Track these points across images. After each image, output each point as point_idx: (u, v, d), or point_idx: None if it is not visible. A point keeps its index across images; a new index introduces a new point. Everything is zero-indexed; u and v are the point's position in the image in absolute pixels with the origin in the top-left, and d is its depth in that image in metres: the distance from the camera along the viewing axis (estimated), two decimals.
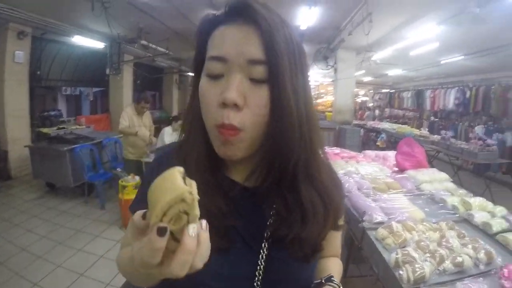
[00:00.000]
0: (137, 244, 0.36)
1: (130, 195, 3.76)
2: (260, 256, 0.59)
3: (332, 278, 0.66)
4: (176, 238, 0.36)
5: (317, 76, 12.77)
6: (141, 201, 0.41)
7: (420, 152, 2.66)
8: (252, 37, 0.50)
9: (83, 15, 5.24)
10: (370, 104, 16.83)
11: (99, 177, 4.76)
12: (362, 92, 17.88)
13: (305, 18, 5.10)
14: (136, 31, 6.33)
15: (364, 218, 1.77)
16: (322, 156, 0.64)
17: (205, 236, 0.38)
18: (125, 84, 8.92)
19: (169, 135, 5.04)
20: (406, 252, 1.36)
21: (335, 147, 3.66)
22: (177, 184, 0.36)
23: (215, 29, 0.54)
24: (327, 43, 7.03)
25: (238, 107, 0.50)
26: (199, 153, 0.58)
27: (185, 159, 0.57)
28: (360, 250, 1.77)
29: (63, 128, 6.47)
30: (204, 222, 0.39)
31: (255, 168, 0.58)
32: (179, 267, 0.36)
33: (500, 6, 3.61)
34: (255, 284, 0.59)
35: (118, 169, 4.47)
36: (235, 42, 0.50)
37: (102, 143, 5.33)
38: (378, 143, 8.10)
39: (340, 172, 2.57)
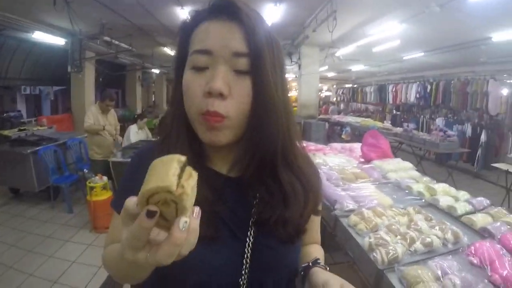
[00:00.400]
0: (127, 230, 0.37)
1: (99, 196, 3.68)
2: (247, 244, 0.61)
3: (318, 261, 0.70)
4: (165, 218, 0.36)
5: None
6: (123, 196, 0.39)
7: (384, 143, 2.80)
8: (236, 31, 0.53)
9: (44, 10, 4.97)
10: (334, 99, 17.34)
11: (65, 179, 4.55)
12: (325, 87, 18.34)
13: (271, 15, 5.15)
14: (98, 27, 6.06)
15: (335, 207, 1.86)
16: (299, 146, 0.67)
17: (195, 223, 0.38)
18: (87, 82, 8.47)
19: (135, 133, 4.96)
20: (378, 236, 1.44)
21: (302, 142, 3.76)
22: (168, 175, 0.35)
23: (198, 26, 0.56)
24: (291, 40, 7.15)
25: (223, 96, 0.52)
26: (182, 145, 0.59)
27: (168, 151, 0.55)
28: (334, 238, 1.84)
29: (24, 129, 6.10)
30: (197, 208, 0.40)
31: (238, 159, 0.61)
32: (165, 257, 0.36)
33: (459, 6, 3.84)
34: (243, 272, 0.60)
35: (85, 170, 4.32)
36: (220, 36, 0.53)
37: (66, 144, 5.10)
38: (343, 136, 8.36)
39: None
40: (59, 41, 6.34)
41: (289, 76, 11.08)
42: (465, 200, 1.94)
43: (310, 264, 0.69)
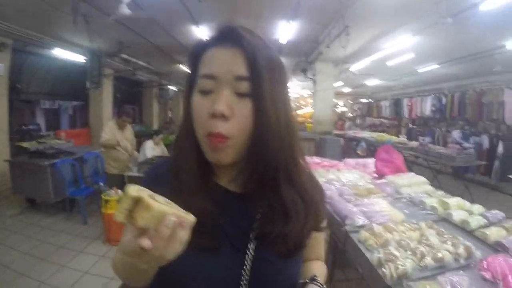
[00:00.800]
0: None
1: (113, 209, 3.70)
2: (246, 256, 0.63)
3: (315, 278, 0.72)
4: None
5: (296, 88, 12.97)
6: None
7: (398, 158, 2.76)
8: (238, 57, 0.57)
9: (65, 28, 5.20)
10: (350, 114, 17.19)
11: (81, 192, 4.66)
12: (341, 102, 18.26)
13: (284, 32, 5.26)
14: (117, 45, 6.32)
15: (346, 222, 1.83)
16: (303, 163, 0.69)
17: (181, 233, 0.45)
18: (105, 98, 8.84)
19: (151, 148, 5.04)
20: (387, 251, 1.41)
21: (315, 157, 3.74)
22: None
23: (206, 51, 0.61)
24: (306, 56, 7.19)
25: (226, 117, 0.56)
26: (192, 161, 0.64)
27: (179, 167, 0.65)
28: (345, 254, 1.81)
29: (43, 142, 6.31)
30: (187, 220, 0.46)
31: (240, 175, 0.64)
32: (154, 250, 0.43)
33: (471, 16, 3.81)
34: (242, 283, 0.62)
35: (101, 184, 4.40)
36: (223, 62, 0.58)
37: (83, 157, 5.23)
38: (358, 152, 8.24)
39: (321, 180, 2.63)
40: (78, 58, 6.60)
41: (305, 92, 11.11)
42: (480, 213, 1.88)
43: (307, 280, 0.71)
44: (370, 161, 3.23)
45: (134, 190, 0.44)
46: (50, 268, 3.15)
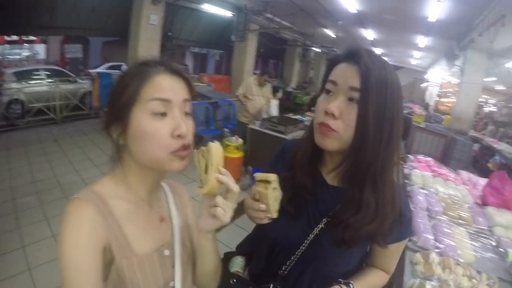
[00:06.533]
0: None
1: (231, 153, 4.32)
2: (311, 233, 0.84)
3: (350, 284, 0.85)
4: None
5: (443, 73, 11.04)
6: (266, 171, 0.77)
7: (510, 191, 2.37)
8: (354, 72, 0.72)
9: None
10: (497, 118, 13.63)
11: (209, 132, 5.48)
12: (492, 101, 14.64)
13: (433, 11, 4.77)
14: (262, 4, 6.68)
15: (412, 238, 1.78)
16: (394, 178, 0.80)
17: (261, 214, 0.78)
18: (248, 52, 9.47)
19: (275, 106, 5.46)
20: (423, 285, 1.40)
21: (430, 158, 3.43)
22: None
23: (338, 64, 0.78)
24: (457, 40, 6.14)
25: (335, 116, 0.73)
26: (306, 148, 0.86)
27: (299, 148, 0.90)
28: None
29: None
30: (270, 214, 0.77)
31: (337, 168, 0.80)
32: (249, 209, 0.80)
33: None
34: (301, 247, 0.85)
35: (226, 129, 5.07)
36: (344, 74, 0.74)
37: (217, 103, 6.06)
38: (489, 165, 6.67)
39: (417, 185, 2.52)
40: (226, 13, 7.23)
41: (452, 80, 9.45)
42: None
43: (342, 282, 0.85)
44: (482, 182, 2.81)
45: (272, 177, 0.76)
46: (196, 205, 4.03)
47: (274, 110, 5.36)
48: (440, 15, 4.89)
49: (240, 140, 4.49)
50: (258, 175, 0.77)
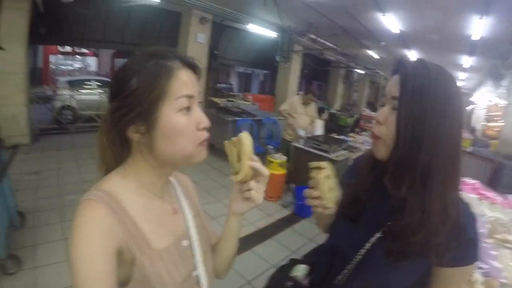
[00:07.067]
0: None
1: (274, 170, 4.29)
2: (367, 242, 0.82)
3: None
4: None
5: (489, 95, 10.46)
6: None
7: None
8: (396, 82, 0.75)
9: (257, 7, 6.01)
10: None
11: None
12: None
13: (475, 28, 4.65)
14: (305, 25, 6.82)
15: None
16: (450, 191, 0.76)
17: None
18: (292, 72, 9.65)
19: (321, 127, 5.44)
20: None
21: (476, 181, 3.21)
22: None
23: (393, 75, 0.80)
24: (501, 59, 5.87)
25: (380, 123, 0.78)
26: (368, 157, 0.88)
27: (361, 160, 0.96)
28: None
29: (232, 101, 7.67)
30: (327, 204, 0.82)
31: (386, 171, 0.79)
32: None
33: None
34: (356, 256, 0.83)
35: (270, 146, 5.06)
36: (389, 85, 0.79)
37: (262, 121, 6.16)
38: None
39: None
40: (270, 34, 7.45)
41: (497, 102, 8.89)
42: None
43: None
44: None
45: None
46: (209, 198, 4.12)
47: (319, 130, 5.35)
48: (483, 33, 4.77)
49: (284, 158, 4.50)
50: (312, 163, 0.84)
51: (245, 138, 0.72)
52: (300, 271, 0.99)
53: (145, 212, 0.68)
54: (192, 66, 0.69)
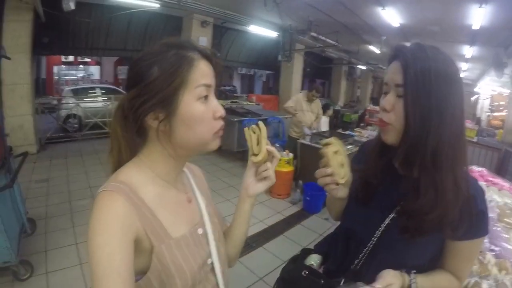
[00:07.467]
0: None
1: (281, 167, 4.31)
2: (383, 224, 0.84)
3: (412, 274, 0.80)
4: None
5: (493, 85, 10.38)
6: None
7: None
8: (399, 69, 0.76)
9: (257, 8, 6.02)
10: None
11: None
12: None
13: (475, 17, 4.64)
14: (306, 23, 6.81)
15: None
16: (459, 166, 0.78)
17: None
18: (295, 71, 9.66)
19: (325, 123, 5.46)
20: (478, 284, 1.30)
21: (482, 168, 3.19)
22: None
23: (390, 64, 0.81)
24: (504, 47, 5.84)
25: (387, 111, 0.78)
26: (376, 142, 0.91)
27: (368, 145, 0.99)
28: None
29: (236, 102, 7.69)
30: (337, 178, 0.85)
31: (397, 156, 0.81)
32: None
33: None
34: (372, 238, 0.85)
35: (277, 145, 5.00)
36: (390, 73, 0.79)
37: (267, 120, 6.17)
38: None
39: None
40: (271, 34, 7.47)
41: (501, 91, 8.83)
42: None
43: (404, 271, 0.80)
44: None
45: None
46: (217, 198, 4.14)
47: (324, 126, 5.34)
48: (484, 21, 4.74)
49: (291, 155, 4.51)
50: (323, 141, 0.88)
51: (263, 126, 0.82)
52: (314, 260, 1.00)
53: (162, 202, 0.69)
54: (209, 57, 0.71)
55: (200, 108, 0.67)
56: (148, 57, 0.66)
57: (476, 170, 3.14)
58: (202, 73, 0.67)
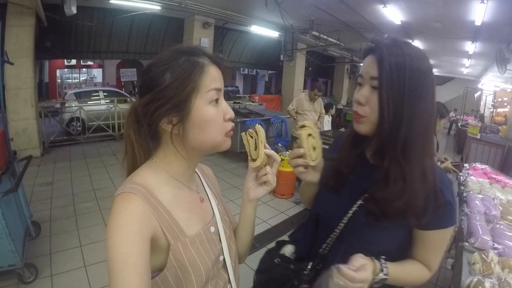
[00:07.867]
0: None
1: (284, 167, 4.28)
2: (351, 209, 0.87)
3: (381, 259, 0.82)
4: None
5: (496, 81, 10.30)
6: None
7: None
8: (374, 63, 0.78)
9: (259, 8, 6.03)
10: None
11: None
12: None
13: (479, 13, 4.59)
14: (307, 22, 6.80)
15: (468, 240, 1.67)
16: (428, 157, 0.82)
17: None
18: (297, 70, 9.66)
19: (328, 122, 5.45)
20: (481, 282, 1.29)
21: (486, 166, 3.17)
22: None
23: (366, 57, 0.84)
24: (506, 43, 5.76)
25: (361, 103, 0.81)
26: (349, 133, 0.94)
27: (342, 136, 1.00)
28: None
29: (239, 102, 7.71)
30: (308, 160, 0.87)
31: (370, 146, 0.87)
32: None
33: None
34: (340, 224, 0.89)
35: (279, 144, 5.08)
36: (365, 66, 0.82)
37: (270, 120, 6.19)
38: None
39: (474, 191, 2.35)
40: (273, 34, 7.49)
41: (504, 87, 8.79)
42: None
43: (373, 258, 0.82)
44: None
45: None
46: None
47: (327, 126, 5.33)
48: (486, 17, 4.72)
49: None
50: (300, 123, 0.91)
51: (261, 130, 0.81)
52: (287, 250, 1.04)
53: (177, 201, 0.73)
54: (217, 62, 0.73)
55: (211, 111, 0.70)
56: (161, 64, 0.69)
57: (480, 167, 3.13)
58: (213, 78, 0.70)
